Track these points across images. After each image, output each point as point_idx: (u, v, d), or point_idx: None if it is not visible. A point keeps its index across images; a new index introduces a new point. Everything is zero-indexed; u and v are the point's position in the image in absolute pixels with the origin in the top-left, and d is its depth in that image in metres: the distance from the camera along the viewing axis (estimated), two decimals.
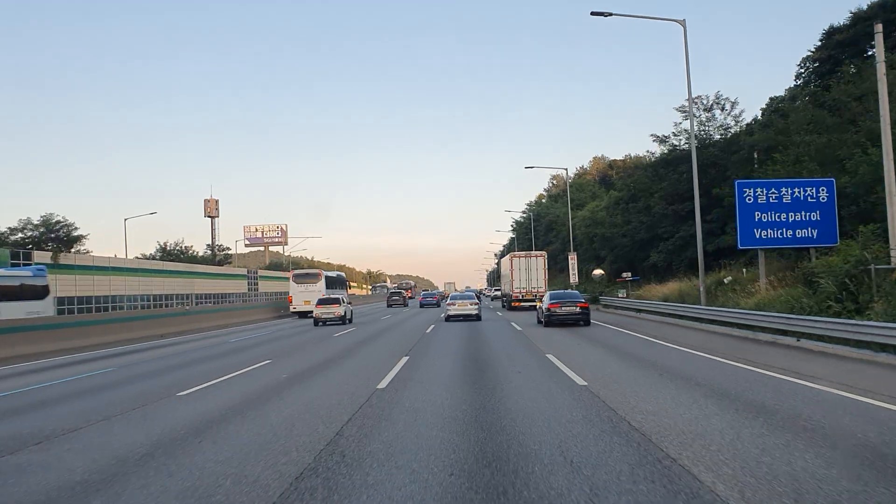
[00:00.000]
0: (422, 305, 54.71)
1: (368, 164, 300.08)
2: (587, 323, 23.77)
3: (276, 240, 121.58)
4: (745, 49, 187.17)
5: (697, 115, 40.01)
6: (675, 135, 40.48)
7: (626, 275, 35.20)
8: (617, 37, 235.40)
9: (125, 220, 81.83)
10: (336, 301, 31.87)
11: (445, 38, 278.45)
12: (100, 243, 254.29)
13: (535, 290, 37.52)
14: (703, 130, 40.25)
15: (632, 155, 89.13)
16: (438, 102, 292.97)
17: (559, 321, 23.29)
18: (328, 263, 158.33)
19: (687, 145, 40.50)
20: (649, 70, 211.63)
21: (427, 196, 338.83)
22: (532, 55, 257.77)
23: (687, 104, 40.85)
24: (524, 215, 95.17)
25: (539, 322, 25.22)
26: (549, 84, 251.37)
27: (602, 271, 47.90)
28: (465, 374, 12.47)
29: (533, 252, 43.12)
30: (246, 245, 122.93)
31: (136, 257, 72.76)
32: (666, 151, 40.86)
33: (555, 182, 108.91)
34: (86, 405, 10.40)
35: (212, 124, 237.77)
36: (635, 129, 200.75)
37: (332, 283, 46.53)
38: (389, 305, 61.67)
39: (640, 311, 29.05)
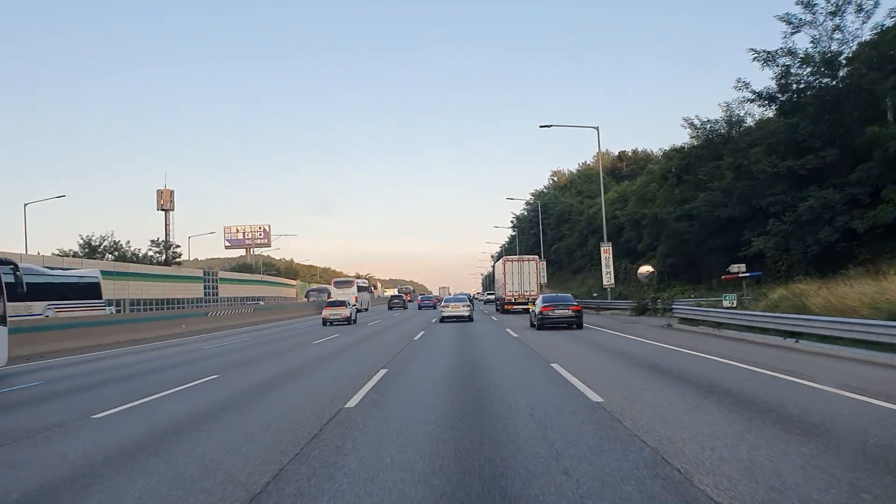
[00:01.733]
0: (420, 307, 59.34)
1: (364, 167, 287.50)
2: (580, 326, 22.65)
3: (259, 241, 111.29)
4: None
5: (820, 20, 25.73)
6: (784, 52, 26.09)
7: (738, 268, 20.49)
8: (609, 32, 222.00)
9: (25, 205, 66.67)
10: (342, 304, 34.50)
11: (443, 36, 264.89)
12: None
13: (528, 294, 37.97)
14: (823, 49, 26.02)
15: (639, 149, 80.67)
16: (436, 104, 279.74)
17: (552, 324, 22.78)
18: (309, 266, 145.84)
19: (807, 70, 26.12)
20: (650, 68, 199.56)
21: (423, 199, 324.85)
22: (531, 54, 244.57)
23: (802, 9, 26.52)
24: (528, 206, 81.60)
25: (532, 325, 24.20)
26: (547, 83, 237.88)
27: (651, 268, 33.86)
28: None
29: (525, 256, 44.14)
30: (227, 247, 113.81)
31: (54, 253, 59.38)
32: (775, 75, 26.25)
33: (556, 178, 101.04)
34: None
35: (193, 119, 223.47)
36: (636, 128, 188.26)
37: (361, 288, 61.14)
38: (391, 308, 65.43)
39: (797, 335, 14.85)
